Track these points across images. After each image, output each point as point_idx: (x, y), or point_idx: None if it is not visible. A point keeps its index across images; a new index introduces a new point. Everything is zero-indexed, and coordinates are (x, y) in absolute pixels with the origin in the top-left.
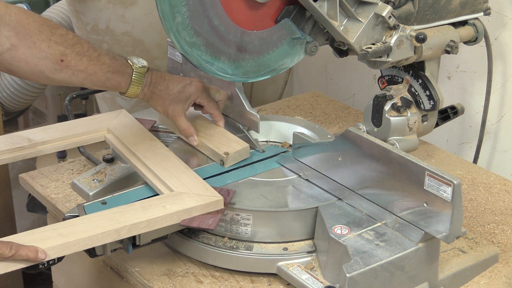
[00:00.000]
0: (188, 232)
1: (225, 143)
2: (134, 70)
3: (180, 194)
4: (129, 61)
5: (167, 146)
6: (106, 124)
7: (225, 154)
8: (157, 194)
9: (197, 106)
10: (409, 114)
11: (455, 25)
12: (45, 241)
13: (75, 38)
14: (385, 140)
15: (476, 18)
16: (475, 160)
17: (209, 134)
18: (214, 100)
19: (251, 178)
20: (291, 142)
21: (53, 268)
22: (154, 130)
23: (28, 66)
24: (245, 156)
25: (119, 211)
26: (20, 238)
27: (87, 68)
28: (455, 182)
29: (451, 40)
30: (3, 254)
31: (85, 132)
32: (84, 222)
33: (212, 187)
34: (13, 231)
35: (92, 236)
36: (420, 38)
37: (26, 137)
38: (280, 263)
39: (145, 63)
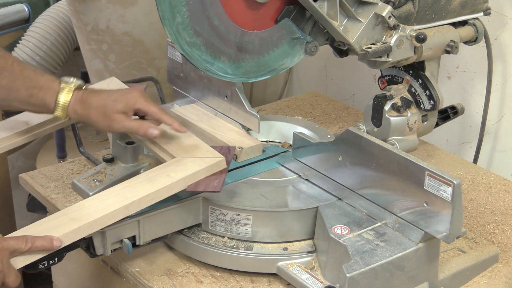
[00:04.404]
0: (188, 232)
1: (239, 139)
2: (62, 85)
3: (182, 160)
4: (59, 79)
5: None
6: None
7: (240, 149)
8: None
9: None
10: (409, 114)
11: (455, 25)
12: (59, 228)
13: (0, 53)
14: (385, 140)
15: (476, 18)
16: (475, 160)
17: (222, 130)
18: (156, 105)
19: (251, 178)
20: (291, 142)
21: (53, 268)
22: None
23: None
24: (257, 154)
25: (126, 186)
26: (34, 228)
27: (8, 83)
28: (455, 182)
29: (451, 40)
30: (20, 249)
31: None
32: (93, 203)
33: (212, 146)
34: (13, 231)
35: (103, 216)
36: (420, 38)
37: (23, 121)
38: (280, 263)
39: (78, 82)
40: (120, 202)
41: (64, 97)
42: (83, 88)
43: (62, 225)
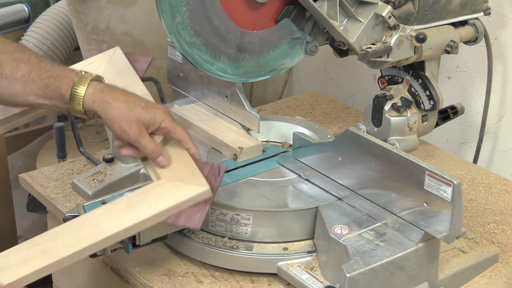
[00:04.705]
0: (188, 232)
1: (239, 139)
2: (80, 74)
3: (167, 185)
4: (77, 70)
5: None
6: (100, 71)
7: (239, 149)
8: None
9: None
10: (409, 114)
11: (455, 25)
12: (27, 263)
13: (17, 47)
14: (385, 140)
15: (476, 18)
16: (475, 160)
17: (222, 130)
18: (182, 127)
19: (251, 178)
20: (291, 142)
21: None
22: None
23: None
24: (257, 154)
25: (103, 213)
26: (2, 260)
27: (24, 75)
28: (455, 182)
29: (451, 40)
30: None
31: None
32: (68, 233)
33: (203, 163)
34: (13, 231)
35: (76, 252)
36: (420, 38)
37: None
38: (280, 263)
39: (97, 74)
40: (95, 236)
41: (81, 86)
42: (102, 80)
43: (31, 260)
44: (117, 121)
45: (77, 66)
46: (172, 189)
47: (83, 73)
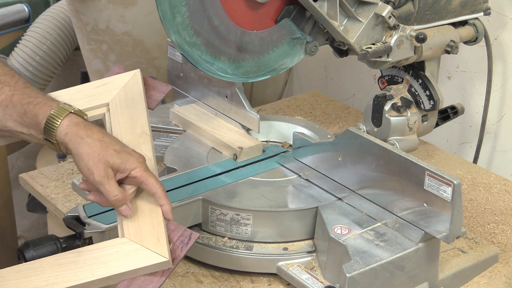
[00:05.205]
0: None
1: (239, 139)
2: (60, 105)
3: (126, 247)
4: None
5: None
6: (111, 95)
7: (239, 149)
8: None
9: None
10: (409, 114)
11: (455, 25)
12: None
13: (8, 71)
14: (385, 140)
15: (476, 18)
16: (475, 160)
17: (222, 130)
18: (157, 178)
19: (251, 178)
20: (291, 142)
21: None
22: (154, 130)
23: None
24: (257, 153)
25: (54, 264)
26: None
27: (6, 99)
28: (455, 182)
29: (451, 40)
30: None
31: (85, 109)
32: (14, 278)
33: (175, 225)
34: (13, 231)
35: None
36: (420, 38)
37: None
38: (280, 263)
39: (80, 109)
40: None
41: (58, 117)
42: (85, 118)
43: None
44: (84, 159)
45: (93, 84)
46: (131, 253)
47: (65, 104)
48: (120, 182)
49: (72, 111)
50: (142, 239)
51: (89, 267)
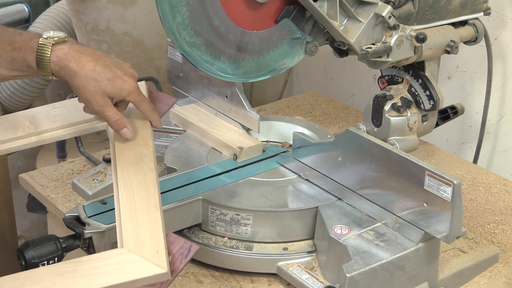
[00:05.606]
0: (187, 232)
1: (239, 139)
2: (41, 41)
3: (124, 258)
4: (38, 35)
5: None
6: None
7: (239, 149)
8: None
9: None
10: (409, 114)
11: (455, 25)
12: None
13: None
14: (385, 140)
15: (476, 18)
16: (475, 160)
17: (222, 130)
18: (148, 100)
19: (251, 178)
20: (291, 142)
21: None
22: (154, 130)
23: None
24: (257, 154)
25: (52, 273)
26: None
27: None
28: (455, 182)
29: (451, 40)
30: None
31: (87, 120)
32: (8, 282)
33: (175, 237)
34: (13, 231)
35: None
36: (420, 38)
37: (26, 125)
38: (280, 263)
39: (59, 34)
40: None
41: (45, 56)
42: (66, 40)
43: None
44: (81, 91)
45: None
46: (130, 263)
47: (44, 39)
48: (116, 103)
49: (53, 42)
50: (141, 250)
51: (87, 277)
